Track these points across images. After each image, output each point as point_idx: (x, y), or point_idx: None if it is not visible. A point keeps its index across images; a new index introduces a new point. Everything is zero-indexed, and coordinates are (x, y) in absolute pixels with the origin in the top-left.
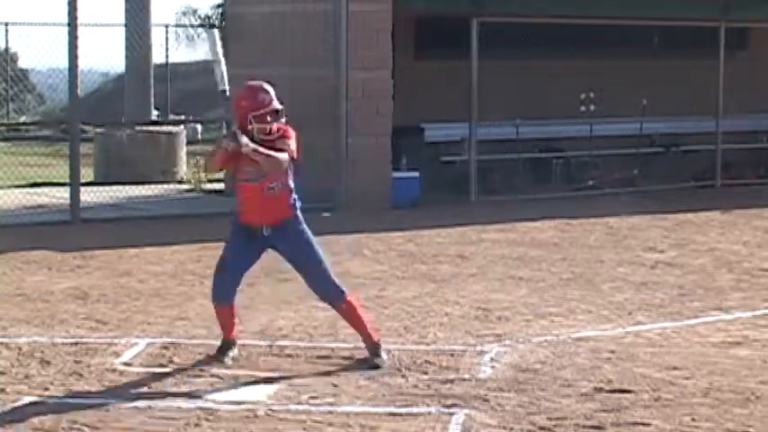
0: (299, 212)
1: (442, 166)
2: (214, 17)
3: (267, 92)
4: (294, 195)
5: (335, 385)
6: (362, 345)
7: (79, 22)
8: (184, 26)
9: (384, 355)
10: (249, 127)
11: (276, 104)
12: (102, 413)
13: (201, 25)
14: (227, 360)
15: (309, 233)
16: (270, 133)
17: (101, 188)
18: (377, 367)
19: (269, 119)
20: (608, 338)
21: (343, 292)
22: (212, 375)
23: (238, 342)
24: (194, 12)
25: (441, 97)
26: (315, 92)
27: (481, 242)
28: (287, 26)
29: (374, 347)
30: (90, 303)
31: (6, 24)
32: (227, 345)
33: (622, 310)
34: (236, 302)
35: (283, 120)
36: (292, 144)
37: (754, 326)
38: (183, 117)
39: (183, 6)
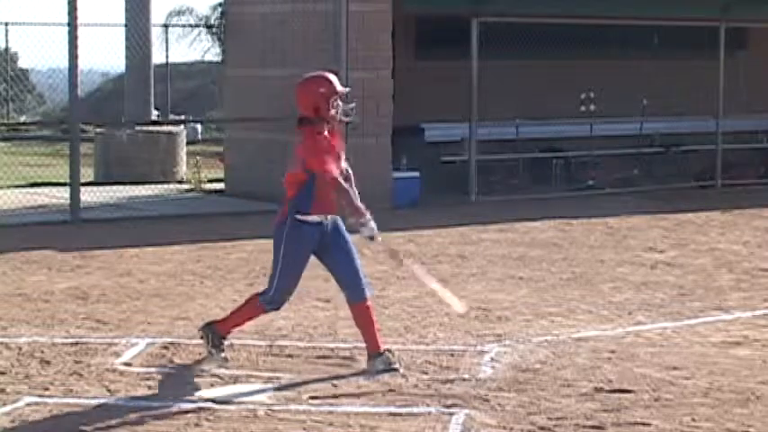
0: None
1: (442, 166)
2: (213, 18)
3: (332, 77)
4: None
5: (335, 385)
6: (361, 344)
7: (79, 22)
8: (182, 26)
9: (391, 357)
10: (333, 111)
11: (342, 87)
12: (102, 413)
13: (197, 25)
14: (224, 354)
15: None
16: (348, 114)
17: (101, 188)
18: (391, 370)
19: (339, 103)
20: (608, 338)
21: (365, 292)
22: (212, 375)
23: (238, 342)
24: (191, 11)
25: (441, 97)
26: None
27: (481, 242)
28: (287, 26)
29: (377, 355)
30: (90, 303)
31: (6, 24)
32: (222, 336)
33: (622, 310)
34: (236, 302)
35: (352, 104)
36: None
37: (754, 326)
38: (183, 117)
39: (177, 5)
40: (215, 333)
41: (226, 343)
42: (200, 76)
